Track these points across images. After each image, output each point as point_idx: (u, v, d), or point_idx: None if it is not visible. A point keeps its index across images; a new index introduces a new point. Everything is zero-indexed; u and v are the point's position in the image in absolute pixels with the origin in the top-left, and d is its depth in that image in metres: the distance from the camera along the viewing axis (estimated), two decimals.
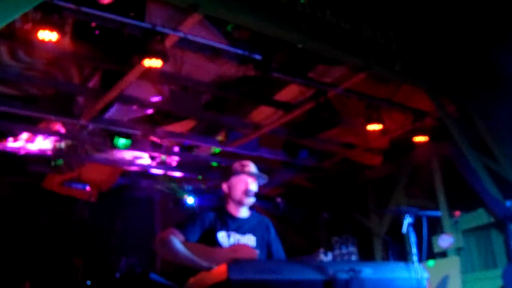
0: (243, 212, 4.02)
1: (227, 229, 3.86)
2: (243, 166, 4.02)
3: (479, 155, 7.54)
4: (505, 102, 7.79)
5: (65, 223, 9.62)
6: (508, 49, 7.33)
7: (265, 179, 4.05)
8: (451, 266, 8.43)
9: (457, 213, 8.73)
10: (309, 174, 10.41)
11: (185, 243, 3.69)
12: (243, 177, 3.97)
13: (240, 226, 3.93)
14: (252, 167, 4.03)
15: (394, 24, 6.97)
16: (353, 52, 6.41)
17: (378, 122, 7.37)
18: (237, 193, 3.95)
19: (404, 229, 3.39)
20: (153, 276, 3.21)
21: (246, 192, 3.92)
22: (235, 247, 3.77)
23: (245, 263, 2.96)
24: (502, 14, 7.09)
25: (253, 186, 3.97)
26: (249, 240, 3.91)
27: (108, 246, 9.69)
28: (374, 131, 7.67)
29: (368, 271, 3.19)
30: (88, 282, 5.62)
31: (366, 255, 9.54)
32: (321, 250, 3.38)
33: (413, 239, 3.38)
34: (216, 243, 3.77)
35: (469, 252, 8.72)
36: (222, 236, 3.82)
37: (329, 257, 3.61)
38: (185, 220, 3.91)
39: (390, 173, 9.89)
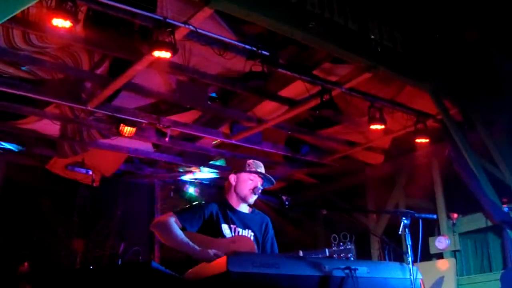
0: (244, 207, 4.11)
1: (229, 221, 3.95)
2: (257, 166, 4.10)
3: (479, 159, 7.62)
4: (506, 108, 7.87)
5: (66, 206, 9.72)
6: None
7: (272, 184, 4.14)
8: (447, 268, 8.54)
9: (455, 215, 8.81)
10: (310, 169, 10.49)
11: (187, 232, 3.78)
12: (254, 176, 4.06)
13: (241, 220, 4.02)
14: (262, 168, 4.13)
15: (400, 26, 7.03)
16: (359, 52, 6.48)
17: (380, 122, 7.44)
18: (244, 189, 4.03)
19: (401, 230, 3.47)
20: (155, 264, 3.30)
21: (254, 191, 4.01)
22: (235, 238, 3.86)
23: (244, 256, 3.05)
24: (506, 20, 7.15)
25: (260, 187, 4.07)
26: (248, 234, 4.00)
27: (108, 231, 9.81)
28: (376, 131, 7.73)
29: (363, 270, 3.28)
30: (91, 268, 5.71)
31: (363, 254, 9.62)
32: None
33: (409, 240, 3.46)
34: (220, 234, 3.87)
35: (465, 255, 8.82)
36: (225, 228, 3.91)
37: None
38: (185, 208, 3.98)
39: (390, 173, 9.97)
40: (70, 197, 9.78)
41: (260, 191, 4.03)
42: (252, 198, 4.04)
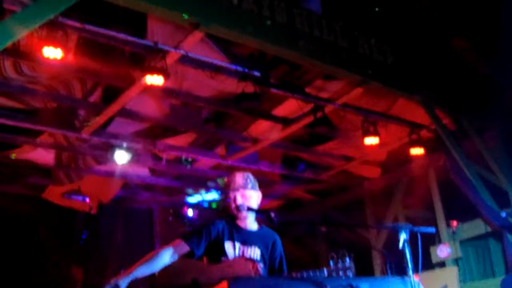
0: (250, 225, 4.02)
1: (233, 239, 3.89)
2: (229, 182, 4.01)
3: (475, 166, 7.66)
4: (499, 115, 7.94)
5: (64, 234, 9.67)
6: (502, 64, 7.48)
7: (254, 185, 4.02)
8: (450, 276, 8.53)
9: (454, 223, 8.81)
10: (308, 186, 10.48)
11: (184, 259, 3.74)
12: (231, 194, 3.98)
13: (247, 238, 3.94)
14: (238, 180, 4.01)
15: (389, 38, 7.09)
16: (350, 68, 6.53)
17: (374, 135, 7.46)
18: (231, 209, 3.99)
19: (401, 245, 3.47)
20: None
21: (237, 208, 3.95)
22: (231, 262, 3.81)
23: (245, 280, 3.04)
24: (495, 30, 7.24)
25: (244, 199, 3.94)
26: (254, 252, 3.93)
27: (107, 258, 9.74)
28: (371, 145, 7.74)
29: (365, 287, 3.27)
30: None
31: (365, 268, 9.60)
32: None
33: (408, 254, 3.46)
34: (223, 252, 3.83)
35: (467, 262, 8.80)
36: (228, 246, 3.87)
37: None
38: (192, 231, 3.93)
39: (388, 185, 9.98)
40: (67, 225, 9.73)
41: (244, 205, 3.93)
42: (242, 214, 3.93)
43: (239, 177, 4.01)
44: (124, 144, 7.74)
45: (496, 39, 7.27)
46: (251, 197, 3.96)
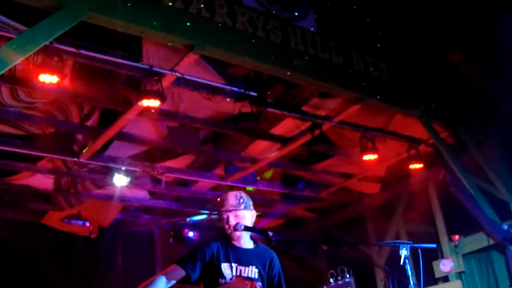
0: (246, 244, 3.98)
1: (229, 260, 3.84)
2: (222, 203, 3.96)
3: (474, 178, 7.65)
4: (496, 126, 7.96)
5: (65, 259, 9.61)
6: (497, 75, 7.52)
7: (247, 205, 3.95)
8: None
9: (456, 237, 8.78)
10: (308, 204, 10.45)
11: (180, 285, 3.69)
12: (224, 215, 3.92)
13: (243, 257, 3.89)
14: (230, 201, 3.94)
15: (384, 55, 7.13)
16: (346, 85, 6.55)
17: (373, 152, 7.46)
18: (225, 229, 3.96)
19: (402, 262, 3.45)
20: None
21: (231, 228, 3.92)
22: (229, 284, 3.76)
23: None
24: (489, 42, 7.29)
25: (237, 219, 3.87)
26: (252, 271, 3.87)
27: (108, 282, 9.68)
28: (370, 160, 7.74)
29: None
30: None
31: (368, 284, 9.54)
32: None
33: (410, 271, 3.44)
34: (220, 274, 3.79)
35: (471, 275, 8.75)
36: (225, 267, 3.83)
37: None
38: (186, 254, 3.88)
39: (388, 200, 9.95)
40: (68, 251, 9.68)
41: (240, 225, 3.85)
42: (236, 234, 3.87)
43: (231, 198, 3.94)
44: (123, 168, 7.73)
45: (490, 51, 7.32)
46: (244, 216, 3.90)
